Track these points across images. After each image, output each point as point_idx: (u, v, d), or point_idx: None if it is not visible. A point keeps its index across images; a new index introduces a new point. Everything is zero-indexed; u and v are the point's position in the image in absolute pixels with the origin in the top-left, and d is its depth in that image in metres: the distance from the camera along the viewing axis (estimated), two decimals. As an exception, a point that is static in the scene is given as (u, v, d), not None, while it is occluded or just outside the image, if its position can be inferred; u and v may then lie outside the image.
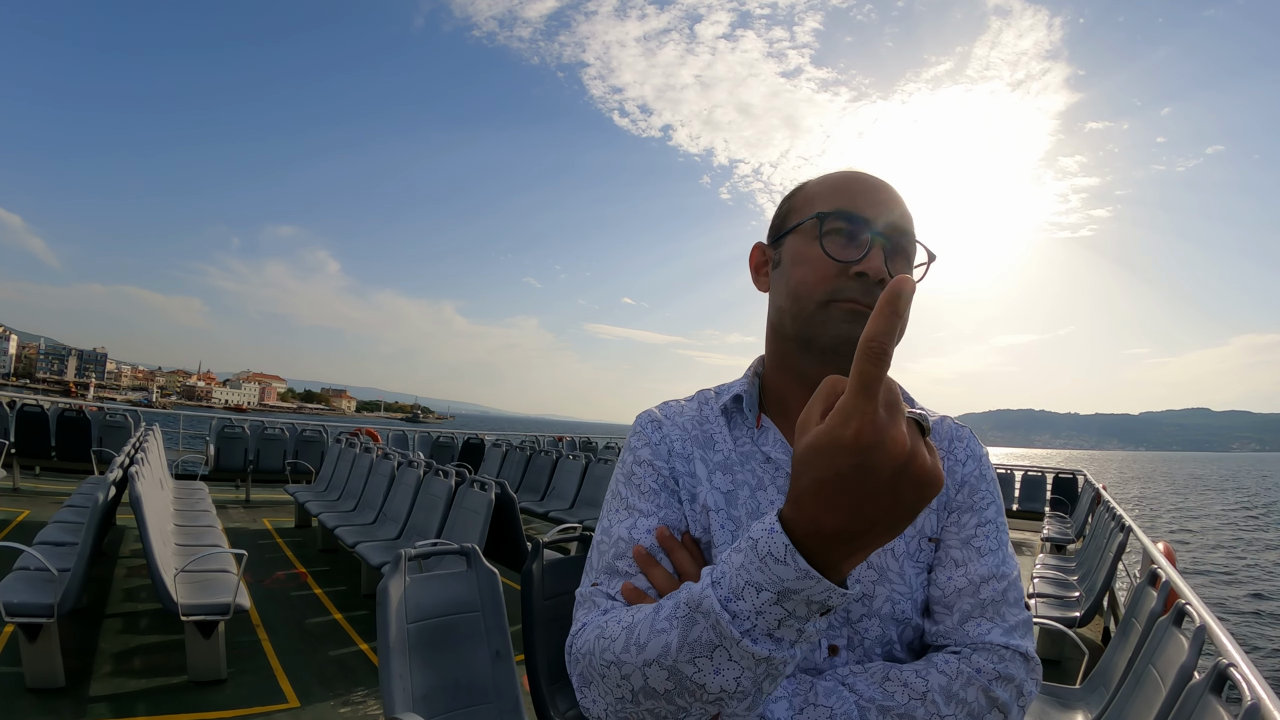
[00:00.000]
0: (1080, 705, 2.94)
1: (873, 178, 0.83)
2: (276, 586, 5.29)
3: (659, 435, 0.85)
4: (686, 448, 0.84)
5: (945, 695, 0.71)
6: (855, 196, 0.80)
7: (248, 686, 3.52)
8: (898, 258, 0.80)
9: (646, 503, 0.80)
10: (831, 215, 0.79)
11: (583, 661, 0.70)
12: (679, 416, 0.87)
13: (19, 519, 6.50)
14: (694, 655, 0.59)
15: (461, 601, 2.50)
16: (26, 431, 8.29)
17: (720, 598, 0.58)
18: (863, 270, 0.76)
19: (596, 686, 0.68)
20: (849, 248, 0.78)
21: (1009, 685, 0.73)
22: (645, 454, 0.83)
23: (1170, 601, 2.72)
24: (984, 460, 0.86)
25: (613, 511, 0.82)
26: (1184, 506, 36.02)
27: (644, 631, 0.64)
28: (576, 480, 7.97)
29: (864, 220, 0.78)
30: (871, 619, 0.77)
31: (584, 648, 0.70)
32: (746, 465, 0.82)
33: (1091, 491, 9.15)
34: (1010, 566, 0.81)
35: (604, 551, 0.79)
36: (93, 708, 3.14)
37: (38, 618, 3.09)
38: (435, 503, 5.20)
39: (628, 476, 0.83)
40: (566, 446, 13.54)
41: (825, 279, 0.77)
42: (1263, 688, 1.76)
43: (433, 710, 2.24)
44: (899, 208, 0.80)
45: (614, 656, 0.66)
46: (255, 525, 7.48)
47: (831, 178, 0.84)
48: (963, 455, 0.86)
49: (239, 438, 9.35)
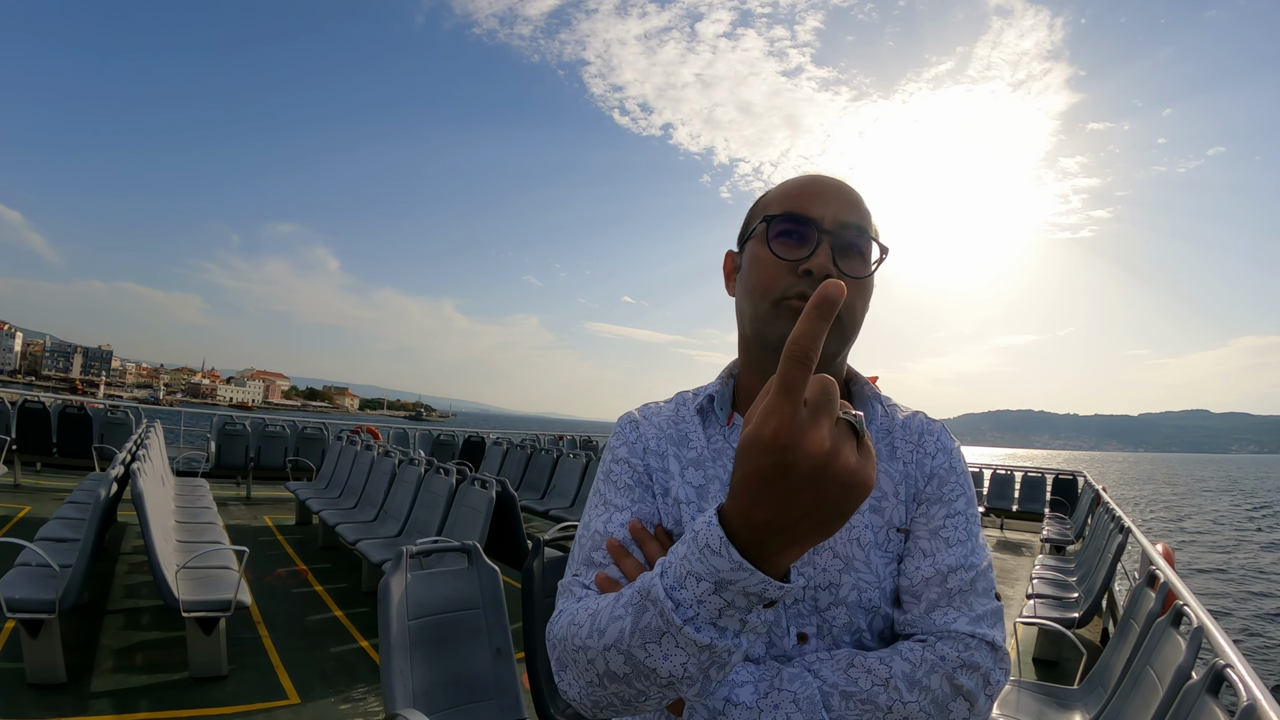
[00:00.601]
0: (1078, 705, 2.95)
1: (827, 179, 0.85)
2: (277, 583, 5.30)
3: (635, 434, 0.90)
4: (661, 445, 0.89)
5: (909, 682, 0.72)
6: (803, 198, 0.83)
7: (249, 683, 3.53)
8: (849, 255, 0.82)
9: (622, 498, 0.85)
10: (779, 218, 0.83)
11: (558, 647, 0.74)
12: (656, 417, 0.92)
13: (20, 515, 6.52)
14: (645, 640, 0.63)
15: (462, 599, 2.51)
16: (28, 428, 8.30)
17: (665, 586, 0.62)
18: (809, 268, 0.79)
19: (570, 670, 0.72)
20: (797, 248, 0.81)
21: (974, 673, 0.74)
22: (622, 452, 0.89)
23: (1168, 602, 2.73)
24: (954, 453, 0.88)
25: (593, 507, 0.87)
26: (1186, 507, 36.03)
27: (604, 618, 0.68)
28: (577, 479, 7.99)
29: (810, 220, 0.81)
30: (839, 607, 0.79)
31: (559, 634, 0.75)
32: (718, 461, 0.86)
33: (1091, 493, 9.16)
34: (979, 557, 0.82)
35: (583, 545, 0.84)
36: (94, 703, 3.15)
37: (39, 613, 3.10)
38: (436, 500, 5.21)
39: (606, 474, 0.89)
40: (567, 445, 13.55)
41: (775, 279, 0.81)
42: (1259, 689, 1.77)
43: (433, 707, 2.25)
44: (848, 206, 0.82)
45: (580, 642, 0.70)
46: (256, 522, 7.49)
47: (787, 183, 0.87)
48: (932, 449, 0.87)
49: (240, 435, 9.37)
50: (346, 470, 7.40)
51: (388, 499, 6.04)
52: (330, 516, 5.95)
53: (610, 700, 0.70)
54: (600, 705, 0.72)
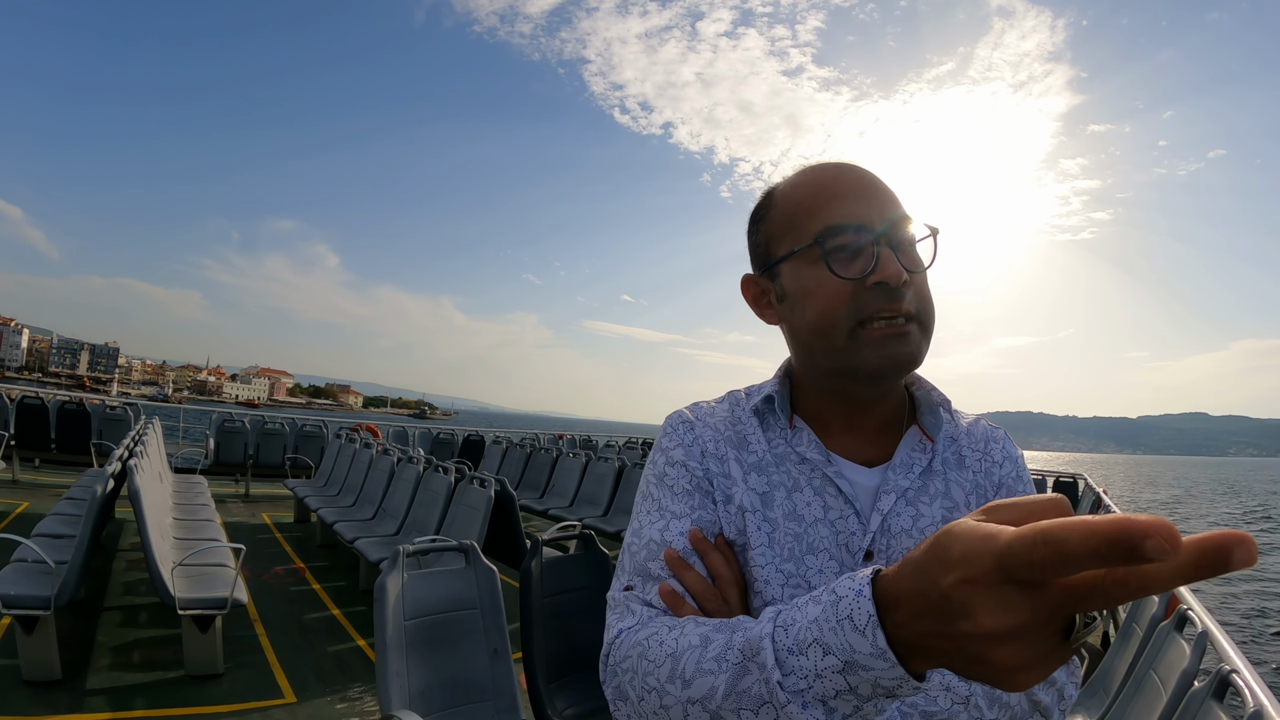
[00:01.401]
0: (1080, 709, 2.93)
1: (848, 169, 0.77)
2: (274, 581, 5.29)
3: (691, 436, 0.82)
4: (720, 449, 0.81)
5: (989, 699, 0.70)
6: (843, 203, 0.74)
7: (244, 681, 3.52)
8: (907, 248, 0.75)
9: (679, 504, 0.78)
10: (827, 233, 0.73)
11: (622, 677, 0.67)
12: (710, 417, 0.85)
13: (18, 511, 6.50)
14: (739, 706, 0.55)
15: (460, 598, 2.49)
16: (26, 423, 8.29)
17: (780, 648, 0.53)
18: (880, 280, 0.71)
19: (633, 705, 0.65)
20: (856, 261, 0.73)
21: (1050, 688, 0.72)
22: (678, 455, 0.81)
23: (1172, 607, 2.71)
24: (1019, 462, 0.85)
25: (645, 513, 0.79)
26: (1188, 511, 36.02)
27: (690, 666, 0.60)
28: (576, 478, 7.97)
29: (861, 227, 0.73)
30: None
31: (625, 664, 0.67)
32: (781, 466, 0.80)
33: (1092, 496, 9.14)
34: None
35: (635, 553, 0.76)
36: (89, 700, 3.14)
37: (35, 610, 3.08)
38: (435, 499, 5.19)
39: (660, 477, 0.81)
40: (567, 445, 13.54)
41: (844, 302, 0.72)
42: (1265, 695, 1.75)
43: (429, 708, 2.23)
44: (887, 195, 0.76)
45: (656, 684, 0.62)
46: (254, 520, 7.48)
47: (803, 184, 0.78)
48: (999, 457, 0.83)
49: (239, 432, 9.35)
50: (345, 468, 7.39)
51: (386, 497, 6.03)
52: (328, 514, 5.93)
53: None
54: None
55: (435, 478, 5.38)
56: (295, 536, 6.85)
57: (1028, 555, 0.37)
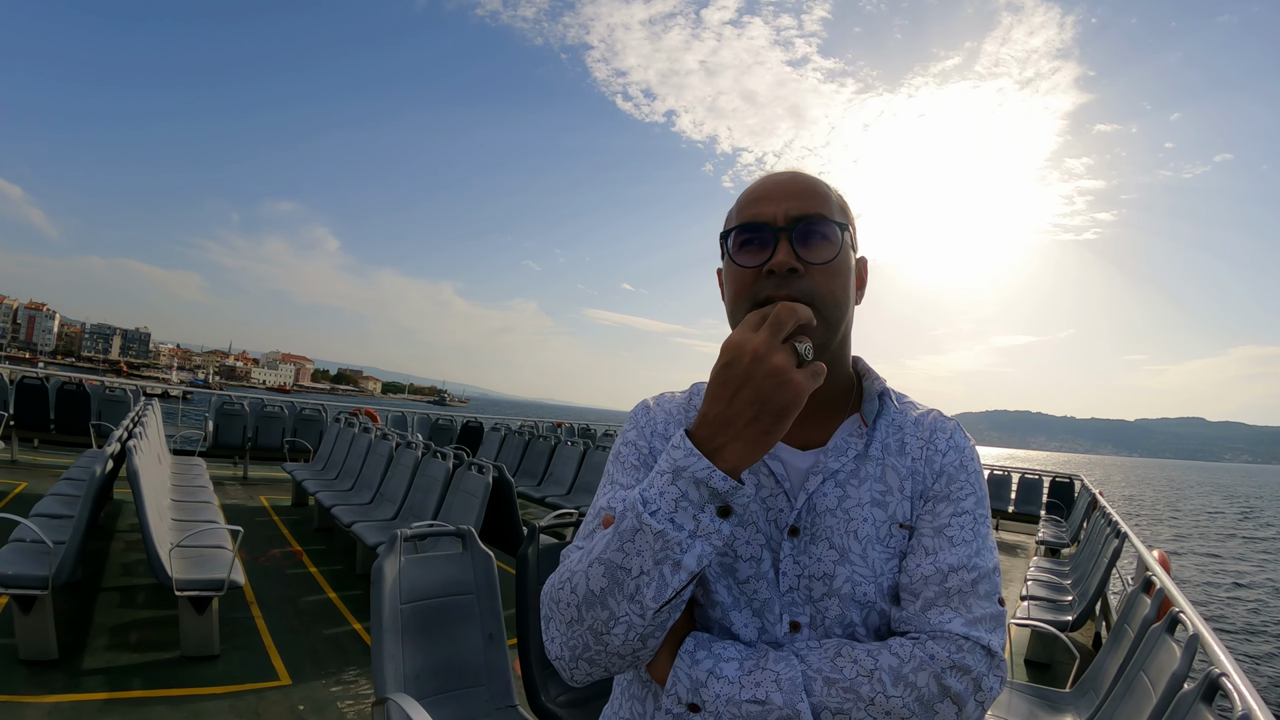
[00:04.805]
0: (1070, 709, 2.95)
1: (777, 177, 0.87)
2: (271, 564, 5.31)
3: (646, 419, 0.93)
4: (670, 429, 0.91)
5: (894, 676, 0.72)
6: (755, 204, 0.85)
7: (240, 663, 3.54)
8: (811, 243, 0.82)
9: (627, 477, 0.88)
10: (735, 230, 0.85)
11: (547, 598, 0.78)
12: (669, 404, 0.95)
13: (16, 490, 6.52)
14: (622, 542, 0.70)
15: (456, 583, 2.50)
16: (26, 403, 8.29)
17: (641, 490, 0.72)
18: (770, 268, 0.81)
19: (555, 621, 0.76)
20: (759, 253, 0.83)
21: (964, 676, 0.73)
22: (631, 435, 0.92)
23: (1164, 609, 2.72)
24: (966, 452, 0.87)
25: (601, 488, 0.91)
26: (1183, 515, 36.11)
27: (598, 544, 0.74)
28: (574, 466, 7.99)
29: (761, 224, 0.83)
30: (831, 599, 0.80)
31: (548, 586, 0.79)
32: None
33: (1088, 496, 9.17)
34: (984, 559, 0.81)
35: (587, 521, 0.87)
36: (85, 680, 3.15)
37: (32, 589, 3.09)
38: (433, 484, 5.20)
39: (615, 455, 0.92)
40: (565, 433, 13.56)
41: (745, 287, 0.83)
42: (1254, 698, 1.76)
43: (424, 691, 2.24)
44: (798, 197, 0.83)
45: (569, 573, 0.75)
46: (252, 502, 7.49)
47: (744, 191, 0.89)
48: (943, 446, 0.86)
49: (238, 415, 9.36)
50: (344, 452, 7.40)
51: (384, 482, 6.04)
52: (326, 498, 5.94)
53: (585, 641, 0.73)
54: (578, 654, 0.74)
55: (433, 463, 5.39)
56: (293, 519, 6.87)
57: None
